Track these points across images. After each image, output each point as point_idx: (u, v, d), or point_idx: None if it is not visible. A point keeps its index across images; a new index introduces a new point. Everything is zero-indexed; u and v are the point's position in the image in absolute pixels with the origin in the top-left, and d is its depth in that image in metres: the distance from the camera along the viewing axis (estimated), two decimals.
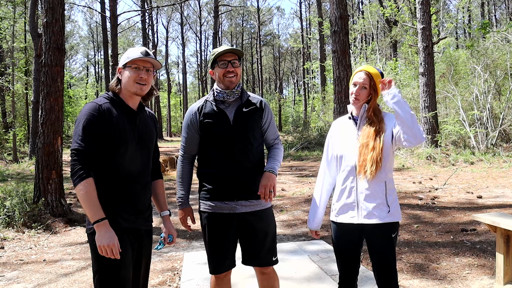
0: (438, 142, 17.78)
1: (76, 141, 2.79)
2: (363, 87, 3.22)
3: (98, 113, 2.85)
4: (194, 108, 3.52)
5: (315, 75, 45.87)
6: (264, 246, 3.49)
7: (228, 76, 3.39)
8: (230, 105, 3.47)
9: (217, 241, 3.43)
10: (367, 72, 3.25)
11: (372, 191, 3.15)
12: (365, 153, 3.13)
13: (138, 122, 3.06)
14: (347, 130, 3.33)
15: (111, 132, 2.86)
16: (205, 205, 3.51)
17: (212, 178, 3.47)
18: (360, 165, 3.14)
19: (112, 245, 2.74)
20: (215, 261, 3.45)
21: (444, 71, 22.15)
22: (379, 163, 3.10)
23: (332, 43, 10.63)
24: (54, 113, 8.92)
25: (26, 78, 31.38)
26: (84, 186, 2.74)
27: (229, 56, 3.41)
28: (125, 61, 2.98)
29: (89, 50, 77.25)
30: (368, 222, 3.14)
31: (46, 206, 8.81)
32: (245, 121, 3.43)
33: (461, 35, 52.77)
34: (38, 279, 5.74)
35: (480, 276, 5.21)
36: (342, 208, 3.26)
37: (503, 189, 10.96)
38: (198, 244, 7.27)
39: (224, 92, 3.43)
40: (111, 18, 28.23)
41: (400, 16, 27.27)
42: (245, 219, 3.43)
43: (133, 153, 3.00)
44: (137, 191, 3.03)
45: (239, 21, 72.35)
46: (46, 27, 9.03)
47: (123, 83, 3.00)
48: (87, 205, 2.75)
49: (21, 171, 18.81)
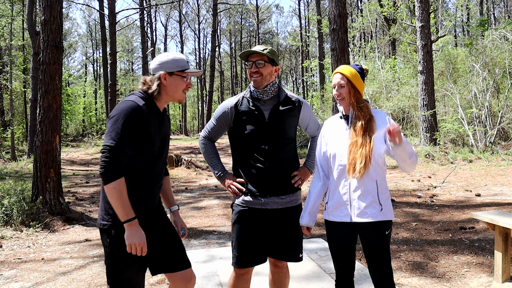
0: (437, 140, 17.80)
1: (113, 138, 2.79)
2: (341, 86, 3.27)
3: (138, 113, 2.87)
4: (232, 103, 3.59)
5: (314, 73, 45.84)
6: (293, 242, 3.58)
7: (253, 76, 3.50)
8: (266, 103, 3.54)
9: (246, 235, 3.49)
10: (339, 73, 3.30)
11: (364, 189, 3.17)
12: (354, 151, 3.16)
13: (164, 124, 3.13)
14: (339, 129, 3.36)
15: (146, 133, 2.90)
16: (239, 200, 3.56)
17: (246, 173, 3.54)
18: (350, 163, 3.17)
19: (143, 244, 2.84)
20: (240, 255, 3.50)
21: (443, 69, 22.19)
22: (368, 160, 3.13)
23: (331, 41, 10.62)
24: (52, 111, 8.90)
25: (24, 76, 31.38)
26: (117, 184, 2.77)
27: (254, 57, 3.51)
28: (175, 69, 3.00)
29: (87, 48, 77.07)
30: (361, 220, 3.17)
31: (45, 204, 8.79)
32: (280, 119, 3.51)
33: (459, 33, 52.82)
34: (36, 277, 5.73)
35: (478, 274, 5.21)
36: (335, 207, 3.28)
37: (501, 187, 10.97)
38: (196, 242, 7.26)
39: (257, 90, 3.52)
40: (109, 16, 28.20)
41: (399, 14, 27.25)
42: (276, 215, 3.50)
43: (158, 153, 3.07)
44: (156, 192, 3.12)
45: (238, 19, 72.33)
46: (44, 25, 9.00)
47: (168, 90, 3.03)
48: (119, 204, 2.79)
49: (19, 169, 18.78)
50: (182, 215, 9.40)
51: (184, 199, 11.23)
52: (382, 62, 27.09)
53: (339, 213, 3.26)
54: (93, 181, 15.26)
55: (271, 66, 3.54)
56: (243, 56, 3.55)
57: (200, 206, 10.31)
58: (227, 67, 78.38)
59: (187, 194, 11.99)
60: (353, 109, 3.27)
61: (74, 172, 18.39)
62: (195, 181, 14.62)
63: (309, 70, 47.38)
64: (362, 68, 3.37)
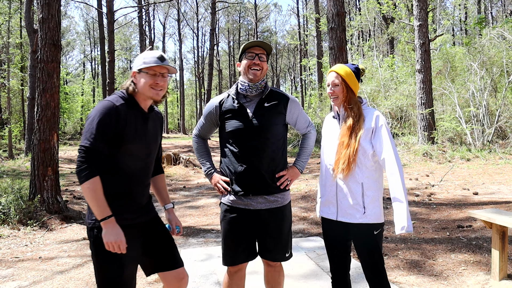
0: (435, 139, 17.81)
1: (88, 138, 2.80)
2: (335, 85, 3.32)
3: (114, 112, 2.87)
4: (216, 101, 3.58)
5: (312, 72, 45.84)
6: (277, 243, 3.53)
7: (253, 68, 3.43)
8: (252, 99, 3.50)
9: (230, 234, 3.48)
10: (334, 71, 3.35)
11: (348, 191, 3.24)
12: (340, 151, 3.24)
13: (149, 124, 3.11)
14: (332, 128, 3.45)
15: (123, 133, 2.89)
16: (225, 198, 3.54)
17: (230, 172, 3.51)
18: (335, 163, 3.26)
19: (120, 241, 2.81)
20: (226, 253, 3.51)
21: (441, 68, 22.20)
22: (351, 161, 3.17)
23: (329, 40, 10.61)
24: (50, 109, 8.88)
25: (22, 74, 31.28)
26: (91, 184, 2.77)
27: (257, 49, 3.46)
28: (141, 66, 3.00)
29: (85, 46, 77.03)
30: (345, 220, 3.27)
31: (42, 203, 8.78)
32: (265, 116, 3.44)
33: (457, 32, 52.85)
34: (33, 276, 5.72)
35: (476, 272, 5.22)
36: (324, 203, 3.41)
37: (499, 186, 10.98)
38: (194, 241, 7.26)
39: (247, 84, 3.46)
40: (107, 14, 28.14)
41: (397, 13, 27.26)
42: (260, 215, 3.46)
43: (142, 154, 3.05)
44: (139, 192, 3.09)
45: (236, 17, 72.26)
46: (42, 22, 8.99)
47: (138, 87, 3.02)
48: (94, 203, 2.79)
49: (17, 167, 18.76)
50: (180, 213, 9.41)
51: (182, 198, 11.23)
52: (380, 61, 27.10)
53: (327, 210, 3.39)
54: None
55: (267, 63, 3.53)
56: (247, 46, 3.47)
57: (198, 205, 10.31)
58: (225, 65, 78.33)
59: (185, 193, 11.99)
60: (344, 109, 3.33)
61: (72, 170, 18.36)
62: (193, 180, 14.61)
63: (307, 68, 47.41)
64: (358, 67, 3.39)
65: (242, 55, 3.51)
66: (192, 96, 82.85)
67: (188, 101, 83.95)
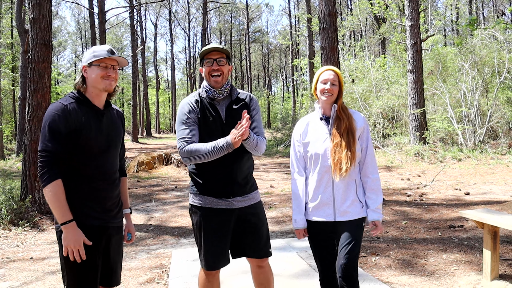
0: (426, 139, 17.87)
1: (43, 141, 2.81)
2: (333, 84, 3.34)
3: (63, 112, 2.86)
4: (192, 100, 3.46)
5: (304, 72, 45.85)
6: (261, 239, 3.54)
7: (213, 74, 3.38)
8: (219, 103, 3.46)
9: (214, 237, 3.40)
10: (334, 71, 3.39)
11: (346, 189, 3.32)
12: (339, 151, 3.26)
13: (105, 120, 3.07)
14: (320, 130, 3.42)
15: (77, 131, 2.87)
16: (199, 200, 3.46)
17: (207, 174, 3.43)
18: (335, 164, 3.27)
19: (79, 247, 2.80)
20: (211, 258, 3.41)
21: (432, 68, 22.28)
22: (354, 159, 3.27)
23: (321, 40, 10.62)
24: (41, 109, 8.85)
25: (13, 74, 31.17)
26: (52, 187, 2.77)
27: (215, 54, 3.41)
28: (91, 60, 2.98)
29: (77, 46, 76.79)
30: (343, 219, 3.32)
31: (33, 203, 8.75)
32: (236, 118, 3.38)
33: (449, 32, 53.03)
34: (25, 277, 5.70)
35: (467, 272, 5.23)
36: (317, 207, 3.38)
37: (490, 186, 11.04)
38: (186, 241, 7.25)
39: (213, 90, 3.42)
40: (99, 14, 28.09)
41: (389, 13, 27.33)
42: (243, 213, 3.45)
43: (100, 151, 3.00)
44: (104, 189, 3.05)
45: (228, 17, 72.32)
46: (33, 23, 8.95)
47: (89, 81, 3.01)
48: (55, 207, 2.79)
49: (8, 168, 18.68)
50: (172, 213, 9.39)
51: (173, 198, 11.21)
52: (371, 61, 27.13)
53: (321, 213, 3.37)
54: None
55: (228, 64, 3.48)
56: (204, 53, 3.42)
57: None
58: None
59: (176, 193, 11.96)
60: (336, 110, 3.37)
61: None
62: (185, 180, 14.58)
63: (299, 69, 47.40)
64: None
65: (202, 61, 3.47)
66: (184, 96, 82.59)
67: (180, 101, 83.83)
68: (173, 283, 5.16)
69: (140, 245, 7.14)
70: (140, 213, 9.54)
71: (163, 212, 9.56)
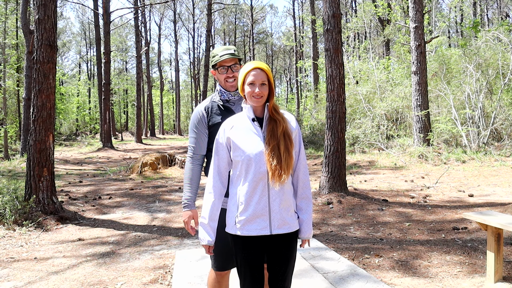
0: (430, 141, 17.86)
1: None
2: (263, 84, 2.92)
3: None
4: (201, 108, 3.54)
5: (308, 73, 45.91)
6: None
7: (228, 80, 3.46)
8: (235, 103, 3.51)
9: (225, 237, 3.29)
10: (261, 68, 2.95)
11: (285, 198, 2.94)
12: (277, 156, 2.84)
13: None
14: (251, 132, 2.96)
15: None
16: None
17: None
18: (274, 170, 2.83)
19: None
20: (221, 258, 3.42)
21: (437, 70, 22.25)
22: (292, 164, 2.93)
23: (325, 42, 10.63)
24: (45, 110, 8.88)
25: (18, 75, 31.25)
26: None
27: (228, 61, 3.47)
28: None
29: (81, 47, 76.99)
30: (281, 232, 2.93)
31: (38, 203, 8.76)
32: None
33: (453, 34, 52.98)
34: (29, 277, 5.71)
35: (471, 274, 5.23)
36: (249, 219, 2.90)
37: (494, 188, 11.01)
38: (189, 242, 7.25)
39: (228, 92, 3.49)
40: (103, 15, 28.16)
41: (393, 15, 27.32)
42: None
43: None
44: None
45: (232, 19, 72.30)
46: (38, 23, 8.98)
47: None
48: None
49: (12, 168, 18.71)
50: (176, 214, 9.40)
51: (177, 199, 11.22)
52: (376, 63, 27.14)
53: (255, 226, 2.91)
54: (87, 180, 15.22)
55: (240, 66, 3.52)
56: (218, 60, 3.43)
57: None
58: None
59: (180, 194, 11.97)
60: (268, 111, 2.97)
61: (68, 171, 18.33)
62: None
63: (303, 70, 47.45)
64: None
65: (215, 66, 3.50)
66: (188, 97, 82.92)
67: (184, 102, 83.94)
68: (176, 283, 5.17)
69: (143, 245, 7.15)
70: (144, 213, 9.56)
71: (167, 213, 9.57)
